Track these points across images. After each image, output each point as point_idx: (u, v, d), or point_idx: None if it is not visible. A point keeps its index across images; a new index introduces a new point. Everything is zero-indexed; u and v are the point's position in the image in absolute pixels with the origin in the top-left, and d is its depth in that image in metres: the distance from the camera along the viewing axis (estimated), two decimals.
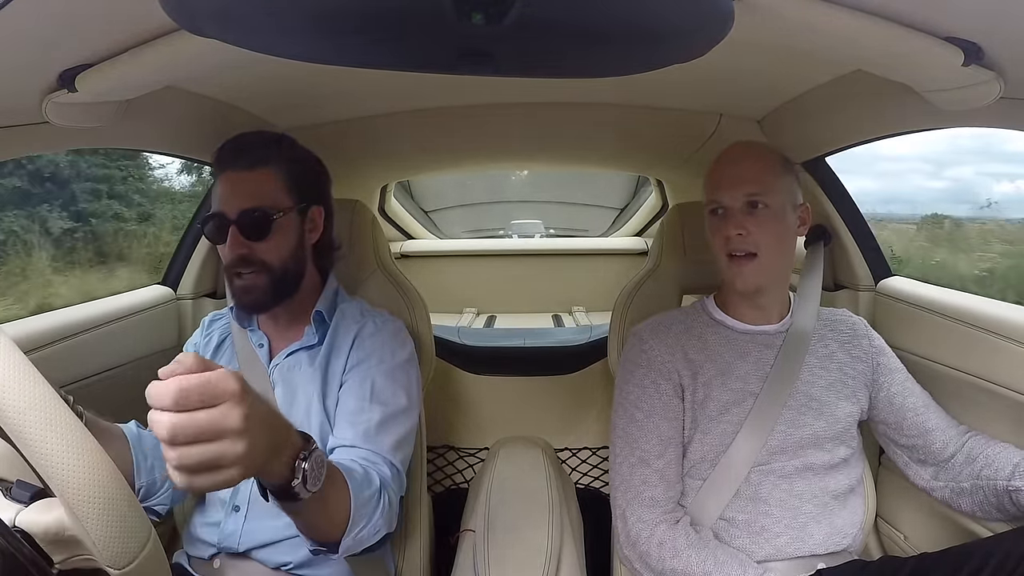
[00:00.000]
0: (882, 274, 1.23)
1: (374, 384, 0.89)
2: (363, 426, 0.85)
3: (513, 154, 1.83)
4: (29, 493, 0.53)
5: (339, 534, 0.70)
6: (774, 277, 0.96)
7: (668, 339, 0.98)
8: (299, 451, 0.57)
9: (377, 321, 0.97)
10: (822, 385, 0.95)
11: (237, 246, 0.88)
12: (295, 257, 0.93)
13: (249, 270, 0.89)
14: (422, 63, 0.50)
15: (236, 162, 0.90)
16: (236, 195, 0.89)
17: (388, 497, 0.77)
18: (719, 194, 0.94)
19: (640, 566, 0.88)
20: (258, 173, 0.90)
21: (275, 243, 0.90)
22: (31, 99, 0.72)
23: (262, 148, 0.92)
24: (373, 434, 0.84)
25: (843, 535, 0.91)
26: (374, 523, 0.74)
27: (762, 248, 0.91)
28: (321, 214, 0.98)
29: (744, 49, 0.64)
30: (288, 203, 0.92)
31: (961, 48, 0.63)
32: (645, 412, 0.94)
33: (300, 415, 0.91)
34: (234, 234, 0.88)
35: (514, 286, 2.47)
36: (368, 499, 0.73)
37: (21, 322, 1.01)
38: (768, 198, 0.92)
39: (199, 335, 1.04)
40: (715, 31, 0.47)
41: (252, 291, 0.89)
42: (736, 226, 0.92)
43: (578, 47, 0.47)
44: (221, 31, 0.48)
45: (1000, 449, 0.88)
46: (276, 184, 0.91)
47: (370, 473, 0.77)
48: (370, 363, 0.91)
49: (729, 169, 0.95)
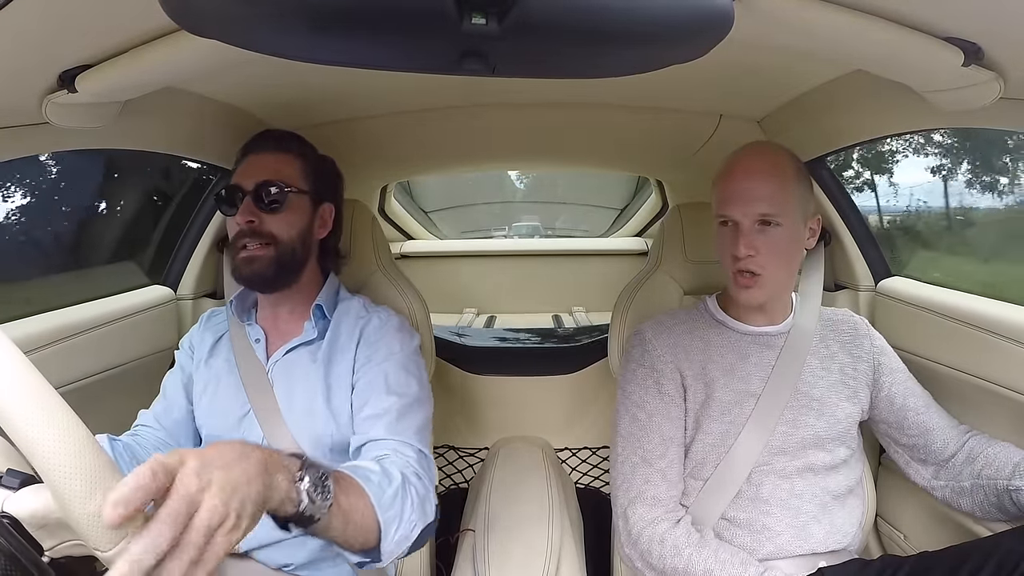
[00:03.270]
0: (882, 274, 1.23)
1: (388, 376, 0.89)
2: (385, 418, 0.85)
3: (513, 155, 1.83)
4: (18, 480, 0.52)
5: (375, 539, 0.67)
6: (779, 290, 0.96)
7: (671, 339, 0.98)
8: (294, 473, 0.54)
9: (381, 316, 0.97)
10: (823, 385, 0.95)
11: (248, 214, 0.90)
12: (302, 239, 0.94)
13: (256, 242, 0.90)
14: (423, 64, 0.50)
15: (261, 146, 0.95)
16: (255, 170, 0.92)
17: (414, 489, 0.75)
18: (730, 209, 0.90)
19: (641, 564, 0.88)
20: (280, 155, 0.95)
21: (285, 218, 0.92)
22: (31, 99, 0.72)
23: (288, 139, 0.97)
24: (396, 424, 0.84)
25: (843, 534, 0.91)
26: (407, 519, 0.71)
27: (768, 268, 0.90)
28: (331, 213, 1.00)
29: (744, 49, 0.64)
30: (303, 186, 0.95)
31: (961, 48, 0.63)
32: (648, 412, 0.94)
33: (300, 413, 0.90)
34: (247, 203, 0.90)
35: (514, 286, 2.47)
36: (392, 497, 0.70)
37: (21, 322, 1.01)
38: (782, 217, 0.88)
39: (196, 331, 1.04)
40: (715, 31, 0.47)
41: (255, 262, 0.90)
42: (747, 246, 0.89)
43: (578, 48, 0.48)
44: (221, 32, 0.48)
45: (1000, 449, 0.89)
46: (295, 167, 0.95)
47: (389, 470, 0.74)
48: (380, 357, 0.91)
49: (744, 183, 0.90)
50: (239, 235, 0.90)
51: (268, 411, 0.91)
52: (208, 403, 0.96)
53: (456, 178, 2.96)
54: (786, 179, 0.90)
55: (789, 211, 0.89)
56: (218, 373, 0.97)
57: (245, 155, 0.96)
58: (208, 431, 0.96)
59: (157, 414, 0.99)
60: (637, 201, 2.76)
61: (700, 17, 0.45)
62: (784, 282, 0.95)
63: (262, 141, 0.96)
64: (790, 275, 0.96)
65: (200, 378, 0.98)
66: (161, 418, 0.98)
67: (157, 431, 0.97)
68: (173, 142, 1.10)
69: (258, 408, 0.91)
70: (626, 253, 2.49)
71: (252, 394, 0.92)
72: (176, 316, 1.31)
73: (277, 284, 0.93)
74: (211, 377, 0.97)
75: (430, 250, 2.58)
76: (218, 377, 0.96)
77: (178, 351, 1.05)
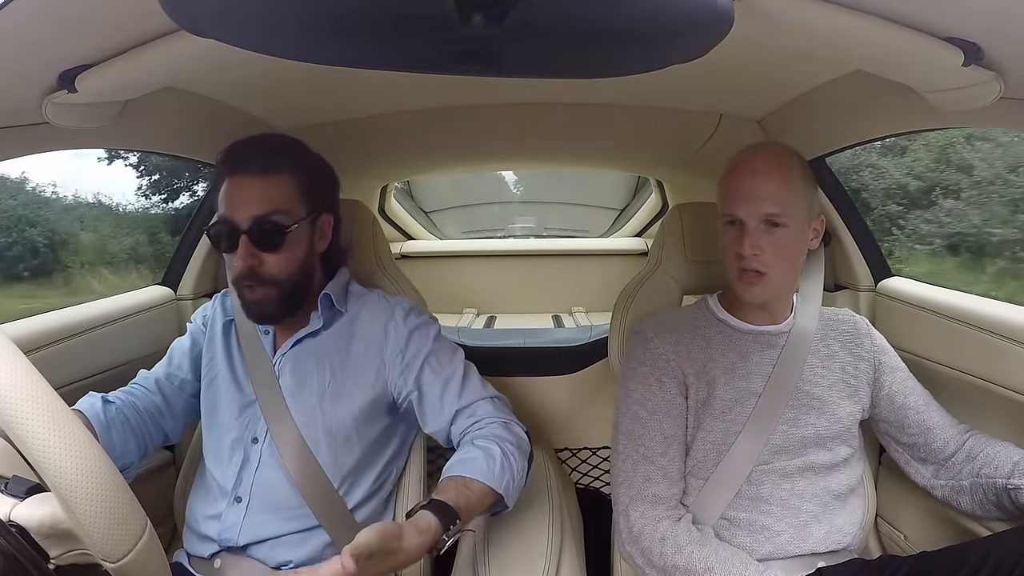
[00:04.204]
0: (882, 274, 1.23)
1: (433, 357, 0.93)
2: (453, 393, 0.92)
3: (513, 154, 1.83)
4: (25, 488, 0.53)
5: (500, 498, 0.84)
6: (782, 290, 0.96)
7: (672, 337, 0.98)
8: (439, 537, 0.72)
9: (404, 305, 0.98)
10: (824, 385, 0.95)
11: (248, 257, 0.85)
12: (303, 270, 0.92)
13: (260, 285, 0.87)
14: (423, 64, 0.50)
15: (247, 166, 0.87)
16: (247, 202, 0.86)
17: (508, 444, 0.86)
18: (736, 208, 0.90)
19: (642, 562, 0.88)
20: (270, 180, 0.87)
21: (286, 256, 0.88)
22: (31, 99, 0.72)
23: (274, 154, 0.88)
24: (464, 391, 0.92)
25: (843, 534, 0.91)
26: (517, 472, 0.86)
27: (773, 268, 0.90)
28: (330, 223, 0.96)
29: (744, 49, 0.64)
30: (301, 213, 0.89)
31: (961, 48, 0.63)
32: (649, 410, 0.94)
33: (307, 405, 0.91)
34: (245, 244, 0.85)
35: (514, 286, 2.47)
36: (501, 468, 0.83)
37: (21, 322, 1.01)
38: (787, 218, 0.88)
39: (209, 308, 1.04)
40: (715, 31, 0.47)
41: (262, 304, 0.89)
42: (752, 245, 0.88)
43: (578, 48, 0.48)
44: (220, 31, 0.48)
45: (1000, 448, 0.89)
46: (289, 192, 0.88)
47: (486, 447, 0.85)
48: (420, 341, 0.94)
49: (749, 182, 0.89)
50: (240, 276, 0.87)
51: (273, 403, 0.91)
52: (213, 390, 0.96)
53: (456, 178, 2.95)
54: (792, 179, 0.90)
55: (794, 211, 0.89)
56: (225, 359, 0.97)
57: (231, 173, 0.88)
58: (209, 418, 0.96)
59: (159, 378, 0.99)
60: (637, 201, 2.76)
61: (700, 17, 0.45)
62: (787, 282, 0.96)
63: (246, 160, 0.87)
64: (793, 275, 0.96)
65: (207, 356, 0.99)
66: (162, 383, 0.99)
67: (154, 396, 0.97)
68: (173, 142, 1.10)
69: (263, 400, 0.91)
70: (626, 253, 2.49)
71: (258, 386, 0.93)
72: (176, 316, 1.31)
73: (288, 315, 0.93)
74: (218, 361, 0.97)
75: (430, 250, 2.58)
76: (224, 363, 0.97)
77: (190, 323, 1.04)
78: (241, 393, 0.94)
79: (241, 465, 0.90)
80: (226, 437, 0.93)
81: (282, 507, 0.88)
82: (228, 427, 0.93)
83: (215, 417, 0.95)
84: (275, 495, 0.89)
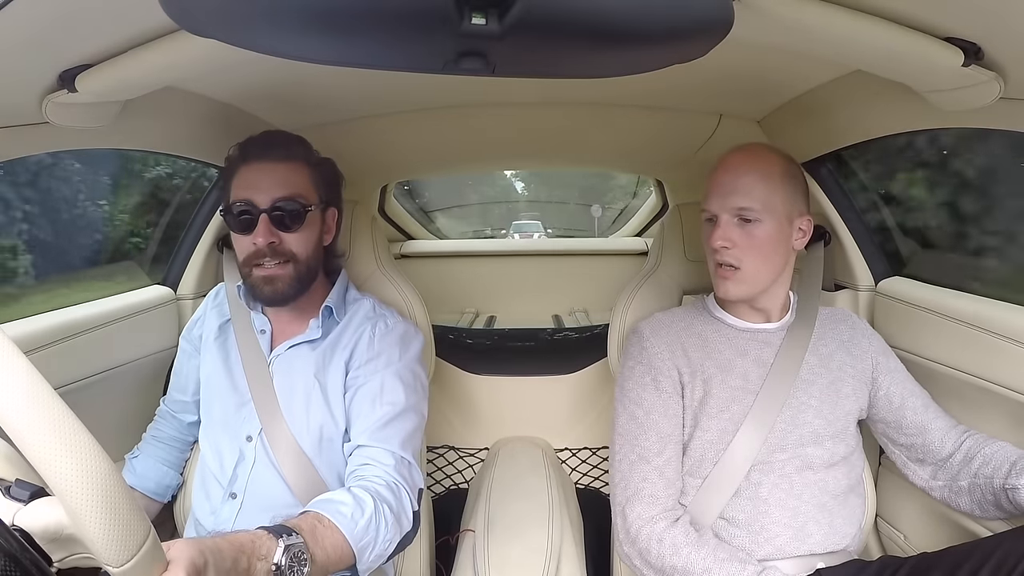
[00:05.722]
0: (882, 274, 1.23)
1: (383, 385, 0.91)
2: (374, 425, 0.87)
3: (513, 154, 1.83)
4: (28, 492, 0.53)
5: (353, 562, 0.73)
6: (760, 287, 0.95)
7: (668, 337, 0.98)
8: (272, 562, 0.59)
9: (388, 321, 0.98)
10: (822, 383, 0.95)
11: (268, 235, 0.88)
12: (316, 254, 0.95)
13: (276, 260, 0.89)
14: (423, 63, 0.50)
15: (267, 153, 0.91)
16: (268, 185, 0.89)
17: (387, 506, 0.78)
18: (710, 202, 0.93)
19: (640, 563, 0.88)
20: (290, 165, 0.92)
21: (304, 235, 0.92)
22: (31, 99, 0.72)
23: (291, 143, 0.94)
24: (380, 431, 0.87)
25: (842, 535, 0.91)
26: (382, 540, 0.76)
27: (745, 263, 0.91)
28: (335, 217, 1.00)
29: (744, 49, 0.64)
30: (315, 199, 0.94)
31: (961, 48, 0.63)
32: (645, 409, 0.94)
33: (298, 407, 0.92)
34: (265, 223, 0.88)
35: (514, 286, 2.47)
36: (366, 525, 0.74)
37: (21, 322, 1.01)
38: (761, 213, 0.90)
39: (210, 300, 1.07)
40: (715, 31, 0.47)
41: (276, 281, 0.90)
42: (722, 237, 0.91)
43: (578, 48, 0.48)
44: (221, 31, 0.48)
45: (998, 448, 0.89)
46: (306, 179, 0.93)
47: (360, 497, 0.76)
48: (379, 363, 0.92)
49: (724, 177, 0.93)
50: (256, 254, 0.89)
51: (267, 403, 0.92)
52: (211, 389, 0.98)
53: (456, 178, 2.96)
54: (770, 176, 0.91)
55: (771, 208, 0.90)
56: (222, 359, 0.98)
57: (247, 161, 0.92)
58: (207, 416, 0.98)
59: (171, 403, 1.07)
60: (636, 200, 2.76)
61: (700, 17, 0.45)
62: (765, 279, 0.95)
63: (267, 148, 0.92)
64: (772, 272, 0.95)
65: (203, 362, 1.01)
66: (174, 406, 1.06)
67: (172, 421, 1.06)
68: (173, 142, 1.10)
69: (258, 400, 0.92)
70: (626, 253, 2.49)
71: (253, 385, 0.94)
72: (176, 316, 1.31)
73: (297, 299, 0.94)
74: (216, 361, 0.99)
75: (430, 250, 2.58)
76: (221, 363, 0.98)
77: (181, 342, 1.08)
78: (237, 392, 0.95)
79: (237, 462, 0.92)
80: (223, 435, 0.94)
81: (276, 506, 0.89)
82: (225, 425, 0.94)
83: (212, 415, 0.97)
84: (269, 493, 0.90)
